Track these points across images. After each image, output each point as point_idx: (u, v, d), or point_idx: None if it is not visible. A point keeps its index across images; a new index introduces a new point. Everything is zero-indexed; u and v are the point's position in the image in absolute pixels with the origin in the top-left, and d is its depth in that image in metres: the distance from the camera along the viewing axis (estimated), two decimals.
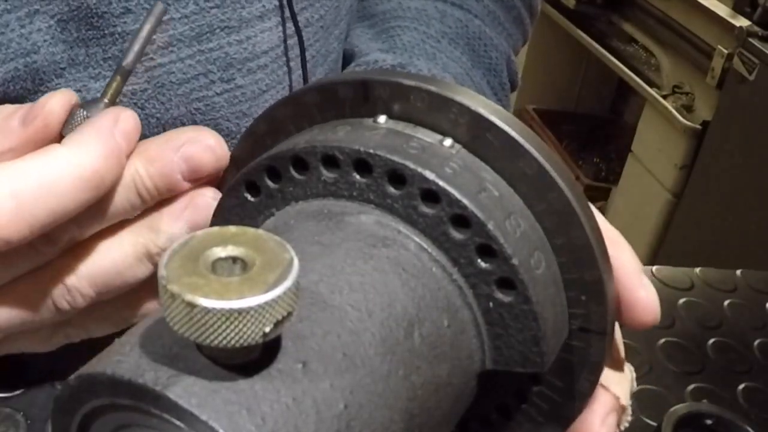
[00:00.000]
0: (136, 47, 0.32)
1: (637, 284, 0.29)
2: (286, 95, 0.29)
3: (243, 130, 0.54)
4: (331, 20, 0.59)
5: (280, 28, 0.54)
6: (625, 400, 0.30)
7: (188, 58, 0.49)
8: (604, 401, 0.30)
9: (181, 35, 0.49)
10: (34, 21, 0.44)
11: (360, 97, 0.28)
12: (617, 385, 0.30)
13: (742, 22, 1.59)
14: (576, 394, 0.29)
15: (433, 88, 0.27)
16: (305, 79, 0.57)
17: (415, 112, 0.27)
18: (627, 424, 0.31)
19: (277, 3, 0.52)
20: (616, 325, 0.31)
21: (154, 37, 0.33)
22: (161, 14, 0.30)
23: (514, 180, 0.27)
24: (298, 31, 0.54)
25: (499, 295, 0.26)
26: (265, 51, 0.53)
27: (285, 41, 0.54)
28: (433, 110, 0.27)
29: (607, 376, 0.30)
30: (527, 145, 0.26)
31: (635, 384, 0.31)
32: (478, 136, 0.26)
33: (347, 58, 0.64)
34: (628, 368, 0.31)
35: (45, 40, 0.44)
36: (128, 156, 0.32)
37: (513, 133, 0.26)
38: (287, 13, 0.53)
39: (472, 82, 0.60)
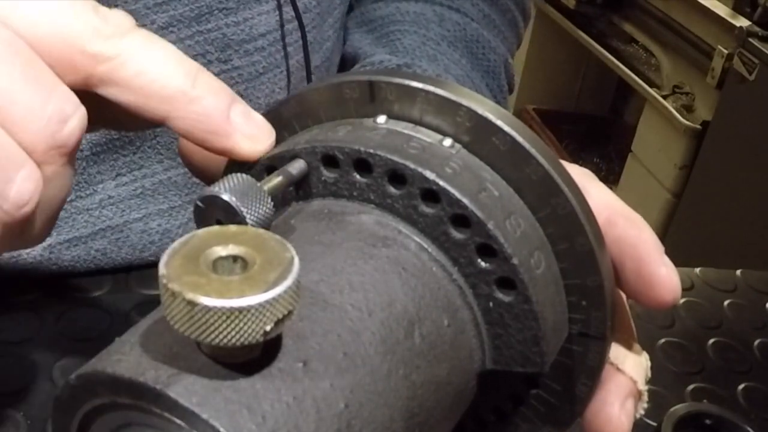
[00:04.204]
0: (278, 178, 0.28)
1: (658, 262, 0.29)
2: (293, 93, 0.29)
3: None
4: (325, 7, 0.60)
5: (278, 12, 0.54)
6: (642, 385, 0.30)
7: (187, 38, 0.50)
8: (620, 382, 0.30)
9: (182, 16, 0.49)
10: None
11: (366, 97, 0.28)
12: (633, 368, 0.30)
13: (742, 22, 1.59)
14: (573, 398, 0.29)
15: (440, 91, 0.27)
16: (307, 64, 0.58)
17: (420, 114, 0.27)
18: (643, 411, 0.31)
19: None
20: (628, 310, 0.31)
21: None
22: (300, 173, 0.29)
23: (519, 185, 0.27)
24: (299, 16, 0.55)
25: (499, 295, 0.26)
26: (262, 34, 0.54)
27: (282, 25, 0.55)
28: (440, 112, 0.27)
29: (623, 358, 0.30)
30: (533, 151, 0.26)
31: (650, 372, 0.31)
32: (483, 140, 0.26)
33: (350, 61, 0.64)
34: (644, 356, 0.31)
35: None
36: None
37: (520, 139, 0.26)
38: None
39: (473, 84, 0.60)
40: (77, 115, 0.27)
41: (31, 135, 0.26)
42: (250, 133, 0.29)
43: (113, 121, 0.31)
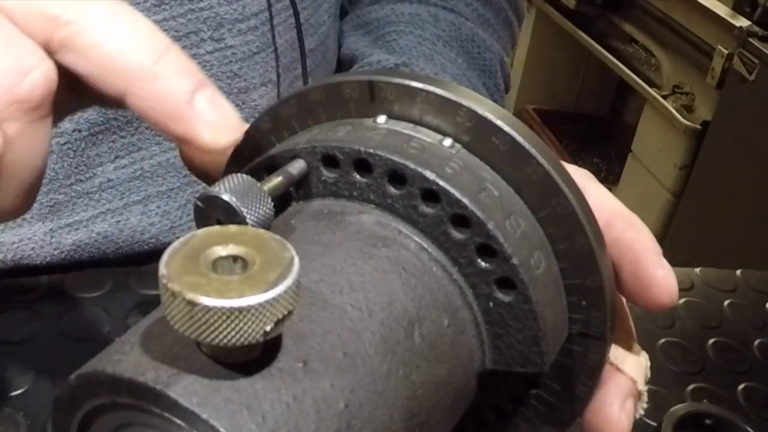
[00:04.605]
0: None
1: (655, 263, 0.29)
2: (293, 92, 0.29)
3: (234, 90, 0.56)
4: None
5: None
6: (642, 385, 0.30)
7: (180, 16, 0.50)
8: (620, 382, 0.30)
9: None
10: None
11: (366, 97, 0.28)
12: (633, 368, 0.30)
13: (742, 22, 1.59)
14: (573, 398, 0.29)
15: (441, 91, 0.27)
16: (301, 44, 0.58)
17: (420, 114, 0.27)
18: (643, 411, 0.31)
19: None
20: (627, 311, 0.31)
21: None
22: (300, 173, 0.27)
23: (519, 185, 0.27)
24: None
25: (499, 295, 0.26)
26: (254, 13, 0.54)
27: (270, 6, 0.55)
28: (440, 112, 0.27)
29: (622, 358, 0.30)
30: (533, 151, 0.26)
31: (649, 372, 0.31)
32: (483, 140, 0.27)
33: (347, 63, 0.65)
34: (644, 356, 0.31)
35: None
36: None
37: (520, 139, 0.26)
38: None
39: (469, 83, 0.60)
40: (41, 68, 0.25)
41: None
42: (214, 122, 0.27)
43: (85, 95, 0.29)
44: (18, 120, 0.25)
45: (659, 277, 0.29)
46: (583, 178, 0.30)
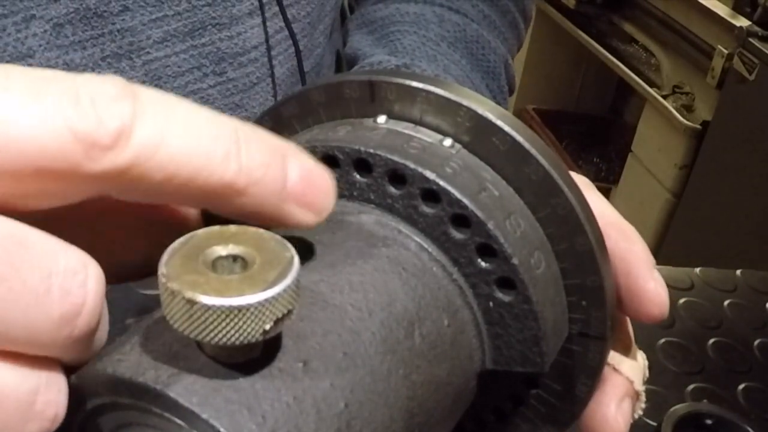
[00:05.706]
0: None
1: (647, 276, 0.29)
2: (293, 93, 0.29)
3: None
4: (316, 16, 0.61)
5: (269, 23, 0.55)
6: (639, 385, 0.30)
7: (182, 52, 0.51)
8: (616, 383, 0.30)
9: (176, 31, 0.50)
10: (30, 26, 0.44)
11: (366, 97, 0.28)
12: (630, 368, 0.30)
13: (742, 22, 1.59)
14: (573, 398, 0.29)
15: (440, 91, 0.27)
16: (301, 72, 0.59)
17: (420, 114, 0.27)
18: (641, 412, 0.31)
19: (264, 0, 0.54)
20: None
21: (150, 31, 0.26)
22: None
23: (519, 185, 0.27)
24: (289, 27, 0.56)
25: (499, 295, 0.26)
26: (254, 46, 0.55)
27: (268, 39, 0.56)
28: (440, 112, 0.27)
29: (619, 358, 0.30)
30: (533, 151, 0.26)
31: (647, 372, 0.31)
32: (483, 140, 0.27)
33: (349, 62, 0.65)
34: (641, 355, 0.31)
35: (40, 45, 0.45)
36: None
37: (520, 138, 0.26)
38: (273, 10, 0.55)
39: (472, 84, 0.60)
40: (90, 297, 0.19)
41: (37, 351, 0.19)
42: (312, 203, 0.22)
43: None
44: (78, 346, 0.20)
45: (650, 290, 0.29)
46: (581, 185, 0.30)
